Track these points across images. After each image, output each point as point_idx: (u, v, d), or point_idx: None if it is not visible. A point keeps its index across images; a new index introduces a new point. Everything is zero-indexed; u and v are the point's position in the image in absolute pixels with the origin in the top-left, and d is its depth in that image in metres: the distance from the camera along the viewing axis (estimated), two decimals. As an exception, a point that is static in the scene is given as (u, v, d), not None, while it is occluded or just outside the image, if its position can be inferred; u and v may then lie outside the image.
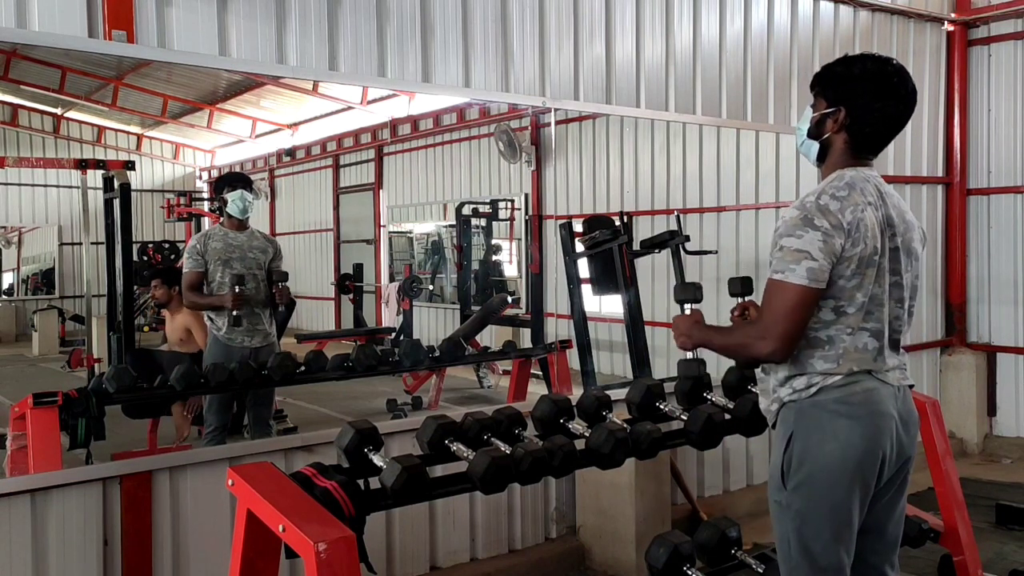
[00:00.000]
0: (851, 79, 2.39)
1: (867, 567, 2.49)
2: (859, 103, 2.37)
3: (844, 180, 2.36)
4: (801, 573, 2.36)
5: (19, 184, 11.94)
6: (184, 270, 4.70)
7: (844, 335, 2.32)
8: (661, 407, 3.12)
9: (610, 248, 5.73)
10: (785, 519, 2.38)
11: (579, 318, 5.85)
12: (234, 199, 4.63)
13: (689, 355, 2.83)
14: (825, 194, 2.32)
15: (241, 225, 4.69)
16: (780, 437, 2.40)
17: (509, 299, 9.16)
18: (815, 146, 2.47)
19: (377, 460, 2.51)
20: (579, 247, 5.93)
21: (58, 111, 11.64)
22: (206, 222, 9.89)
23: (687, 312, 2.63)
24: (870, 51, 6.38)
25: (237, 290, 4.46)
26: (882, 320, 2.35)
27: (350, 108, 10.08)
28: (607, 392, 3.21)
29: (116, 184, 5.74)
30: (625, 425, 2.88)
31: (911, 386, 2.50)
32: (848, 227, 2.27)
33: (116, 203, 5.75)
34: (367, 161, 11.59)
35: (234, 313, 4.48)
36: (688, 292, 2.70)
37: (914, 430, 2.47)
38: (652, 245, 6.13)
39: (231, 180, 4.74)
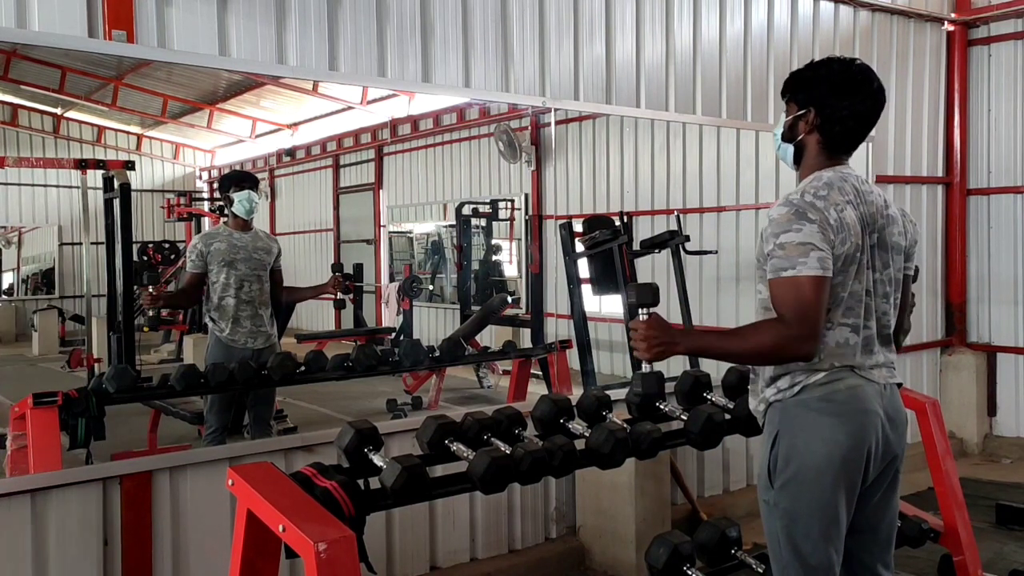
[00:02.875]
0: (817, 81, 2.44)
1: (861, 566, 2.50)
2: (827, 103, 2.41)
3: (823, 180, 2.40)
4: (791, 572, 2.38)
5: (19, 184, 11.91)
6: (185, 270, 4.69)
7: (824, 330, 2.33)
8: (661, 407, 3.12)
9: (610, 248, 5.74)
10: (773, 518, 2.40)
11: (579, 318, 5.85)
12: (241, 200, 4.58)
13: (645, 367, 2.50)
14: (807, 193, 2.35)
15: (245, 225, 4.65)
16: (766, 437, 2.43)
17: (509, 299, 9.15)
18: (790, 149, 2.51)
19: (377, 460, 2.51)
20: (579, 247, 5.93)
21: (58, 111, 11.61)
22: (206, 222, 9.87)
23: (644, 318, 2.37)
24: (870, 51, 6.42)
25: (151, 289, 4.60)
26: (861, 316, 2.38)
27: (350, 108, 10.06)
28: (607, 392, 3.21)
29: (116, 184, 5.72)
30: (625, 425, 2.88)
31: (899, 384, 2.51)
32: (835, 225, 2.29)
33: (116, 203, 5.73)
34: (367, 161, 11.57)
35: (150, 312, 4.62)
36: (647, 295, 2.38)
37: (902, 428, 2.48)
38: (652, 245, 6.14)
39: (239, 179, 4.65)
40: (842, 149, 2.47)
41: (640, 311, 2.38)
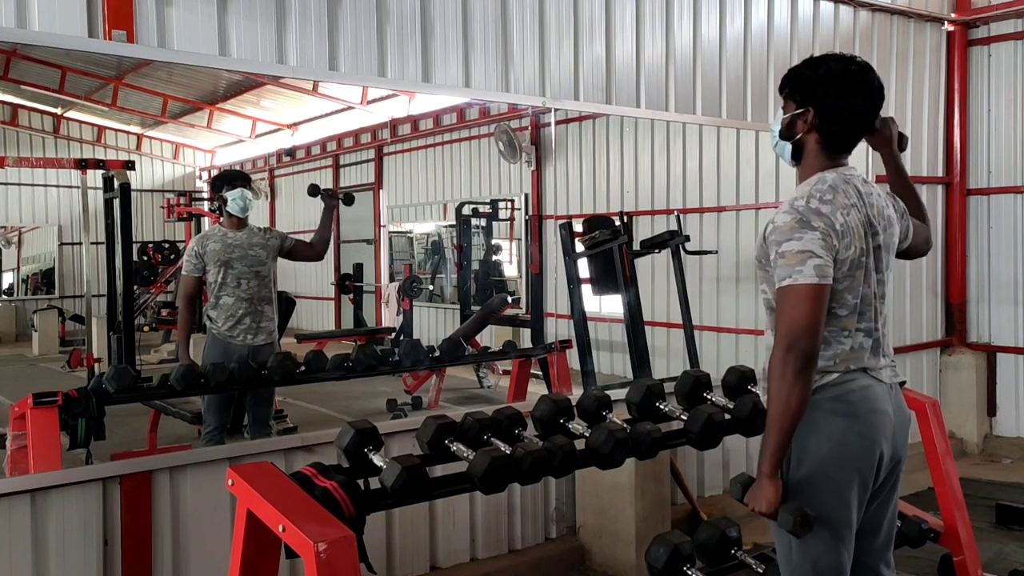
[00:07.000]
0: (816, 80, 2.42)
1: (863, 567, 2.50)
2: (826, 103, 2.40)
3: (827, 183, 2.38)
4: (801, 574, 2.37)
5: (19, 184, 11.92)
6: (182, 273, 4.70)
7: (841, 338, 2.34)
8: (661, 407, 3.12)
9: (610, 248, 5.74)
10: None
11: (579, 318, 5.85)
12: (234, 198, 4.61)
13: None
14: (813, 198, 2.34)
15: (241, 224, 4.68)
16: None
17: (509, 299, 9.16)
18: (788, 147, 2.51)
19: (377, 460, 2.50)
20: (579, 247, 5.93)
21: (58, 111, 11.62)
22: (206, 222, 9.87)
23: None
24: (870, 51, 6.40)
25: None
26: (872, 318, 2.39)
27: (350, 108, 10.07)
28: (607, 392, 3.21)
29: (116, 184, 5.73)
30: (625, 425, 2.88)
31: (903, 383, 2.52)
32: (841, 230, 2.30)
33: (116, 203, 5.74)
34: (367, 161, 11.58)
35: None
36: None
37: (906, 428, 2.49)
38: (652, 245, 6.15)
39: (230, 178, 4.70)
40: (841, 148, 2.47)
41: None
